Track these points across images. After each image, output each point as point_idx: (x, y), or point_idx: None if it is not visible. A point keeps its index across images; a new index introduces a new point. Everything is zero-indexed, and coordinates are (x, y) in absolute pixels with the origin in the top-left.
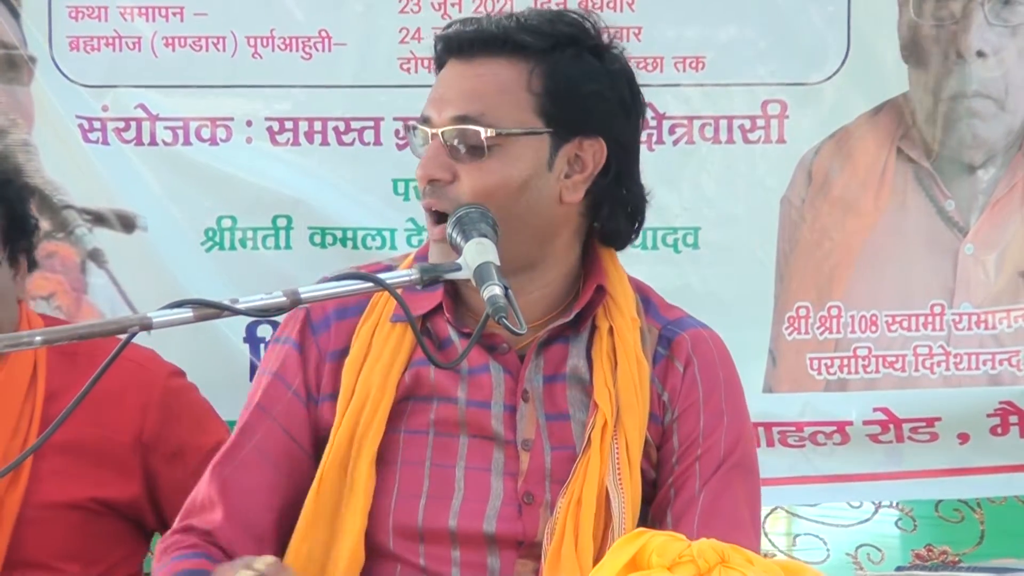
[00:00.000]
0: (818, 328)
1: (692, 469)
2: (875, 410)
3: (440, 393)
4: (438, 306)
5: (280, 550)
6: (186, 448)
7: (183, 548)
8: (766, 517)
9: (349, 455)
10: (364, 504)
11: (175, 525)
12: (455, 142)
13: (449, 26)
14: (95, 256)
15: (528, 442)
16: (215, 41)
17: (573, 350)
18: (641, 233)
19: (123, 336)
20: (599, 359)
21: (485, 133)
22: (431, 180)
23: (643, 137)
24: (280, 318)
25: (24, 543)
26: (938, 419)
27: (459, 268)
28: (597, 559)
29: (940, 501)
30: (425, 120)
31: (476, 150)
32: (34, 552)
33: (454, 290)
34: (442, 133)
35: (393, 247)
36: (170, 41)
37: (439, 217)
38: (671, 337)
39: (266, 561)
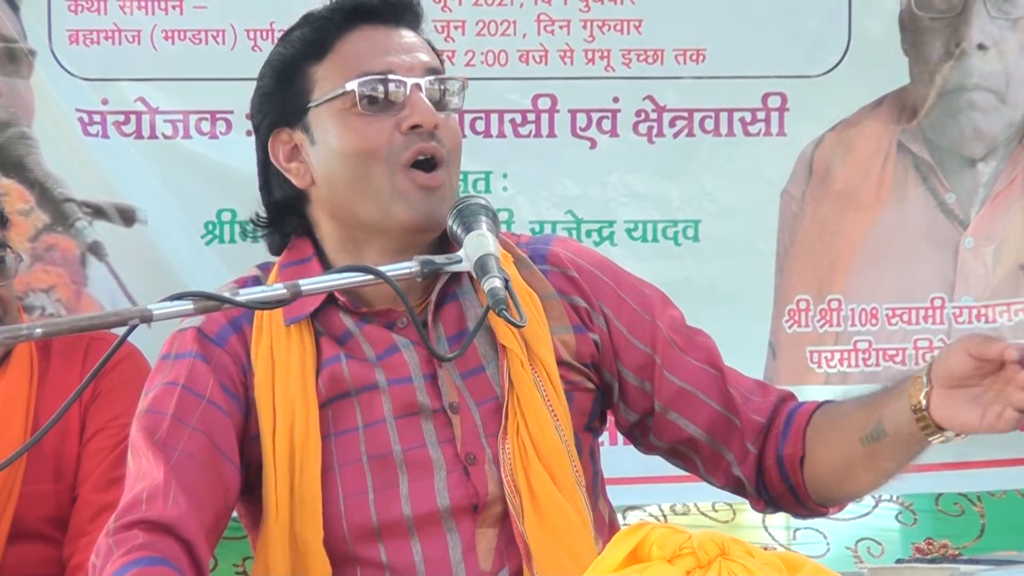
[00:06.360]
0: (818, 321)
1: (669, 349)
2: None
3: (360, 384)
4: (324, 302)
5: (212, 551)
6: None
7: (139, 551)
8: None
9: (293, 473)
10: (317, 514)
11: (122, 519)
12: (439, 94)
13: None
14: (95, 249)
15: (454, 405)
16: (215, 34)
17: (466, 303)
18: (642, 226)
19: (123, 328)
20: None
21: (460, 84)
22: (437, 125)
23: (643, 130)
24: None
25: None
26: None
27: (460, 260)
28: (564, 490)
29: (940, 495)
30: (387, 73)
31: (451, 104)
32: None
33: None
34: (427, 83)
35: None
36: (170, 34)
37: (432, 164)
38: (543, 254)
39: None
